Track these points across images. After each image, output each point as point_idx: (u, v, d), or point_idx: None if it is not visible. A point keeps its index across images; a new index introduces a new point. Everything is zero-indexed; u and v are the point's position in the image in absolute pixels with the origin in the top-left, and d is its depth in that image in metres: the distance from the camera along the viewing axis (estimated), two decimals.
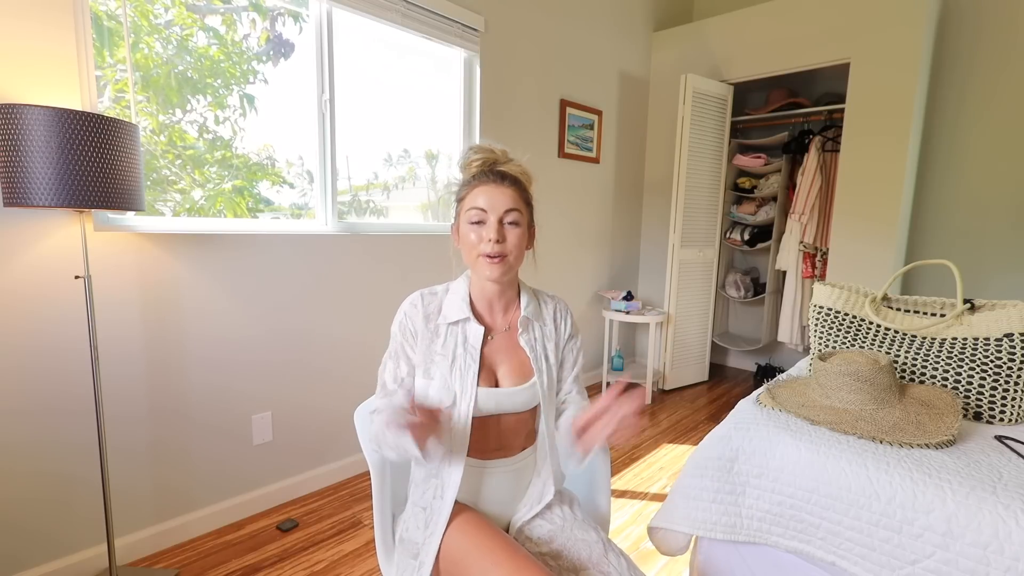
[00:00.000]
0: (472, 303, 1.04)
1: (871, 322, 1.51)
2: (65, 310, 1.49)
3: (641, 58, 3.67)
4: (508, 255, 0.97)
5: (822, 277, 3.29)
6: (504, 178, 0.99)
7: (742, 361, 4.10)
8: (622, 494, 2.16)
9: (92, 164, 1.24)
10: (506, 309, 1.06)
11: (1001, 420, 1.27)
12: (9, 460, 1.44)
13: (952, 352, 1.35)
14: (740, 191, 3.79)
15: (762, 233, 3.74)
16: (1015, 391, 1.27)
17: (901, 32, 2.71)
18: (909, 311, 1.51)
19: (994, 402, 1.28)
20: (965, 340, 1.35)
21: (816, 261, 3.35)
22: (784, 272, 3.52)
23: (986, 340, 1.31)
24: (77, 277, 1.44)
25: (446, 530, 0.93)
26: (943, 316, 1.44)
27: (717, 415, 3.09)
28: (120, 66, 1.64)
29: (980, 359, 1.30)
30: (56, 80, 1.43)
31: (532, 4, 2.82)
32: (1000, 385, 1.28)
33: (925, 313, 1.49)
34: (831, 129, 3.30)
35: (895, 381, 1.28)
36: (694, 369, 3.64)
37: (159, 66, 1.74)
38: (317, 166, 2.11)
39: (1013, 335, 1.28)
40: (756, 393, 1.44)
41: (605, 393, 0.86)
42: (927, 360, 1.37)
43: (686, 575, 1.64)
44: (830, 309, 1.58)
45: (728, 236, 3.81)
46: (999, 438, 1.17)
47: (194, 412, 1.78)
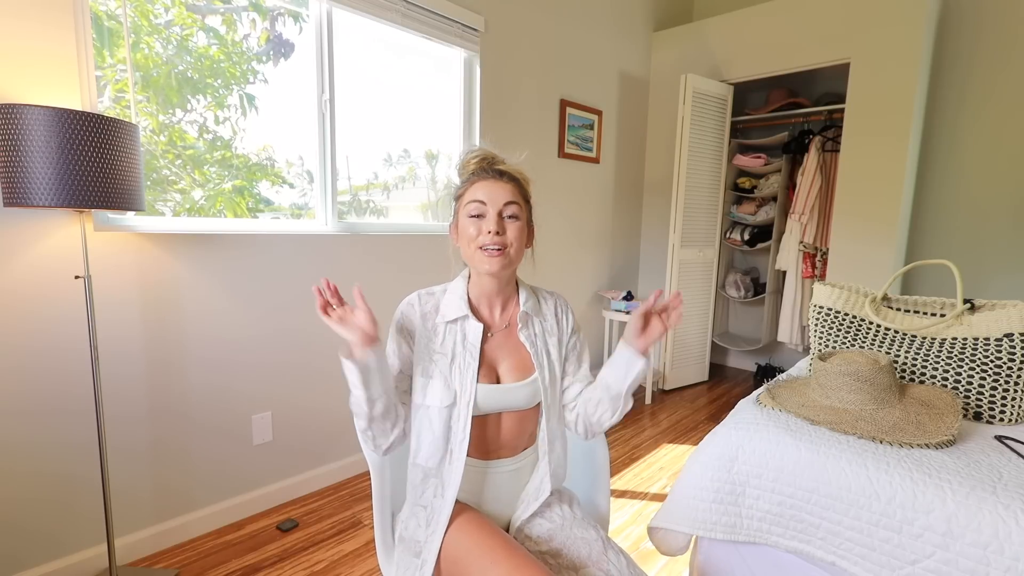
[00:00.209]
0: (470, 301, 1.04)
1: (871, 322, 1.51)
2: (65, 310, 1.49)
3: (641, 58, 3.67)
4: (508, 248, 0.97)
5: (822, 277, 3.29)
6: (502, 175, 1.00)
7: (742, 361, 4.10)
8: (622, 494, 2.16)
9: (92, 164, 1.24)
10: (505, 306, 1.06)
11: (1001, 420, 1.27)
12: (9, 460, 1.44)
13: (952, 352, 1.35)
14: (740, 191, 3.79)
15: (762, 233, 3.74)
16: (1015, 391, 1.27)
17: (901, 32, 2.71)
18: (909, 311, 1.51)
19: (994, 402, 1.28)
20: (965, 340, 1.35)
21: (816, 261, 3.35)
22: (784, 272, 3.52)
23: (986, 340, 1.31)
24: (77, 277, 1.44)
25: (447, 529, 0.93)
26: (943, 316, 1.44)
27: (717, 415, 3.09)
28: (120, 66, 1.64)
29: (980, 359, 1.30)
30: (56, 80, 1.43)
31: (532, 4, 2.82)
32: (1000, 385, 1.28)
33: (925, 313, 1.49)
34: (831, 129, 3.30)
35: (895, 381, 1.28)
36: (694, 369, 3.64)
37: (159, 66, 1.74)
38: (317, 166, 2.11)
39: (1013, 335, 1.28)
40: (756, 393, 1.44)
41: (645, 301, 0.99)
42: (927, 360, 1.37)
43: (686, 575, 1.64)
44: (830, 309, 1.58)
45: (728, 236, 3.81)
46: (999, 438, 1.17)
47: (194, 412, 1.78)
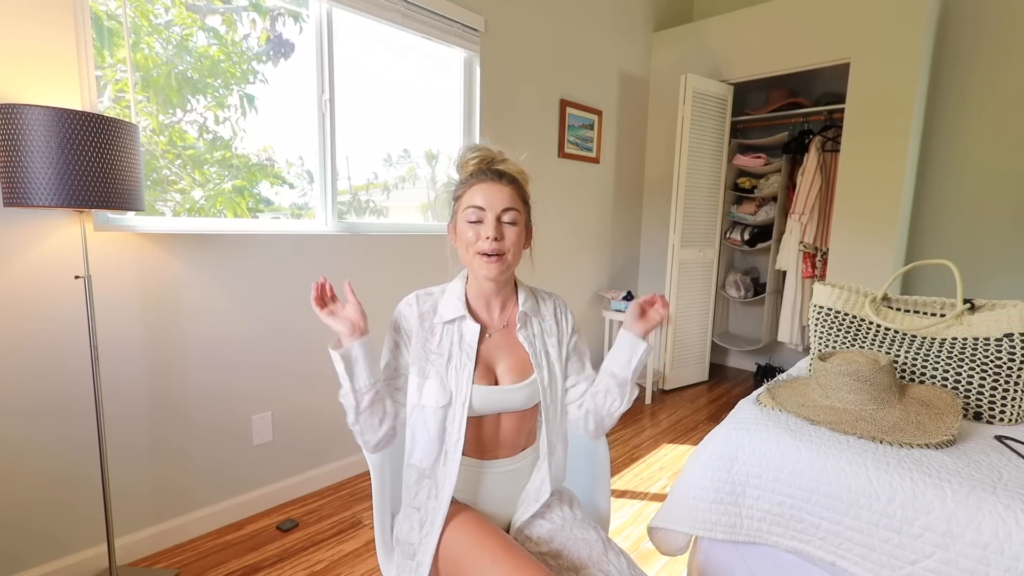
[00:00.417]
0: (468, 301, 1.04)
1: (871, 322, 1.51)
2: (65, 310, 1.49)
3: (641, 58, 3.67)
4: (506, 253, 0.97)
5: (822, 277, 3.29)
6: (502, 176, 0.99)
7: (742, 361, 4.10)
8: (622, 494, 2.16)
9: (92, 164, 1.24)
10: (503, 306, 1.06)
11: (1001, 420, 1.27)
12: (9, 460, 1.44)
13: (952, 352, 1.35)
14: (740, 191, 3.79)
15: (762, 233, 3.74)
16: (1015, 391, 1.27)
17: (901, 32, 2.71)
18: (909, 311, 1.51)
19: (994, 402, 1.28)
20: (965, 340, 1.35)
21: (816, 261, 3.35)
22: (784, 272, 3.52)
23: (986, 340, 1.31)
24: (77, 277, 1.44)
25: (444, 530, 0.93)
26: (943, 316, 1.44)
27: (717, 415, 3.09)
28: (120, 66, 1.64)
29: (980, 359, 1.30)
30: (56, 80, 1.43)
31: (532, 4, 2.82)
32: (1000, 385, 1.28)
33: (925, 313, 1.49)
34: (831, 129, 3.30)
35: (895, 381, 1.28)
36: (694, 369, 3.64)
37: (159, 66, 1.74)
38: (317, 166, 2.11)
39: (1013, 335, 1.28)
40: (756, 393, 1.44)
41: (639, 299, 1.05)
42: (927, 360, 1.37)
43: (686, 575, 1.64)
44: (830, 309, 1.58)
45: (728, 236, 3.81)
46: (999, 438, 1.17)
47: (194, 412, 1.78)
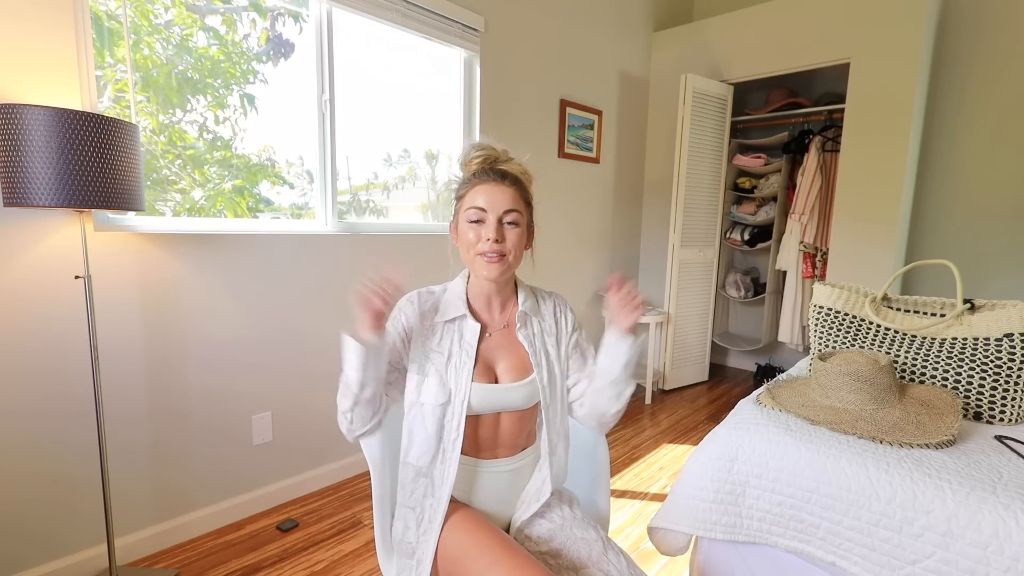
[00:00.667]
0: (469, 301, 1.04)
1: (871, 322, 1.51)
2: (65, 310, 1.49)
3: (641, 58, 3.67)
4: (507, 255, 0.97)
5: (822, 277, 3.29)
6: (504, 177, 0.99)
7: (742, 361, 4.10)
8: (622, 494, 2.16)
9: (92, 164, 1.24)
10: (503, 306, 1.06)
11: (1001, 420, 1.27)
12: (9, 460, 1.44)
13: (952, 352, 1.35)
14: (740, 191, 3.79)
15: (762, 233, 3.74)
16: (1015, 391, 1.27)
17: (901, 32, 2.71)
18: (909, 311, 1.51)
19: (994, 402, 1.28)
20: (965, 340, 1.35)
21: (816, 261, 3.35)
22: (784, 272, 3.52)
23: (986, 340, 1.31)
24: (77, 277, 1.44)
25: (443, 528, 0.93)
26: (943, 316, 1.44)
27: (717, 415, 3.09)
28: (120, 66, 1.64)
29: (980, 359, 1.30)
30: (56, 80, 1.43)
31: (532, 4, 2.82)
32: (1000, 385, 1.28)
33: (925, 313, 1.49)
34: (831, 129, 3.30)
35: (895, 381, 1.28)
36: (694, 369, 3.64)
37: (159, 66, 1.74)
38: (317, 166, 2.11)
39: (1013, 335, 1.28)
40: (756, 393, 1.44)
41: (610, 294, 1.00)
42: (927, 360, 1.37)
43: (686, 575, 1.64)
44: (830, 309, 1.58)
45: (728, 236, 3.81)
46: (999, 438, 1.17)
47: (194, 412, 1.78)
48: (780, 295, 3.67)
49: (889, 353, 1.43)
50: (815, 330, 1.60)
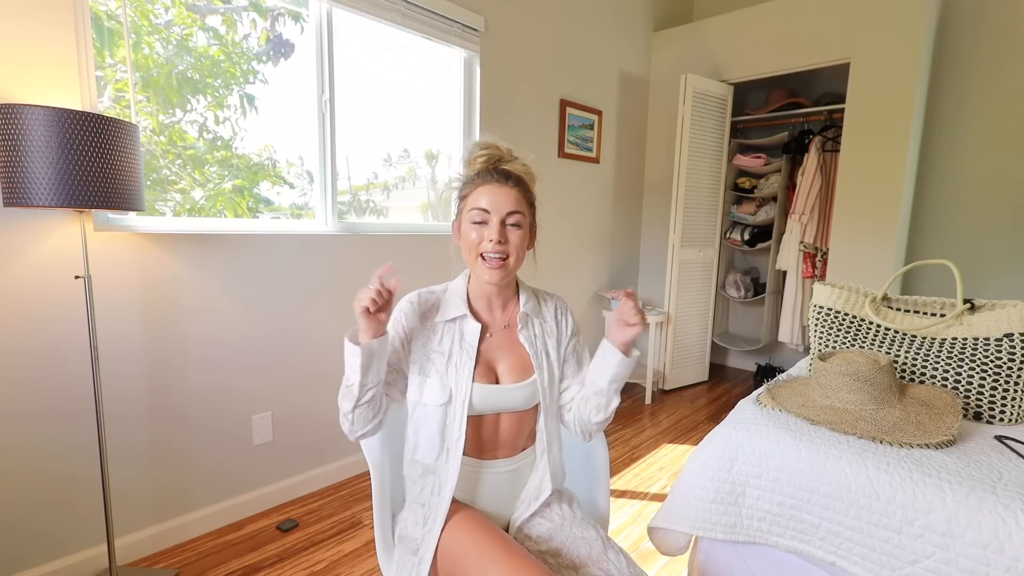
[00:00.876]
0: (470, 301, 1.04)
1: (871, 322, 1.51)
2: (65, 310, 1.49)
3: (641, 58, 3.67)
4: (509, 256, 0.97)
5: (822, 277, 3.29)
6: (508, 178, 0.98)
7: (742, 361, 4.10)
8: (622, 494, 2.16)
9: (92, 164, 1.24)
10: (505, 306, 1.06)
11: (1001, 420, 1.27)
12: (9, 460, 1.44)
13: (952, 352, 1.35)
14: (740, 191, 3.79)
15: (762, 233, 3.74)
16: (1015, 391, 1.27)
17: (901, 32, 2.71)
18: (909, 311, 1.51)
19: (994, 402, 1.28)
20: (965, 340, 1.35)
21: (816, 261, 3.35)
22: (784, 272, 3.52)
23: (986, 340, 1.31)
24: (77, 277, 1.44)
25: (444, 527, 0.93)
26: (943, 316, 1.44)
27: (717, 415, 3.09)
28: (120, 66, 1.64)
29: (980, 359, 1.30)
30: (56, 80, 1.43)
31: (532, 4, 2.82)
32: (1000, 385, 1.28)
33: (925, 313, 1.49)
34: (831, 129, 3.30)
35: (895, 381, 1.28)
36: (694, 369, 3.64)
37: (159, 66, 1.74)
38: (317, 166, 2.11)
39: (1013, 335, 1.28)
40: (756, 393, 1.44)
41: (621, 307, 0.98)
42: (927, 360, 1.37)
43: (686, 575, 1.64)
44: (830, 309, 1.58)
45: (728, 236, 3.81)
46: (999, 438, 1.17)
47: (194, 412, 1.78)
48: (780, 295, 3.67)
49: (889, 353, 1.43)
50: (815, 330, 1.60)
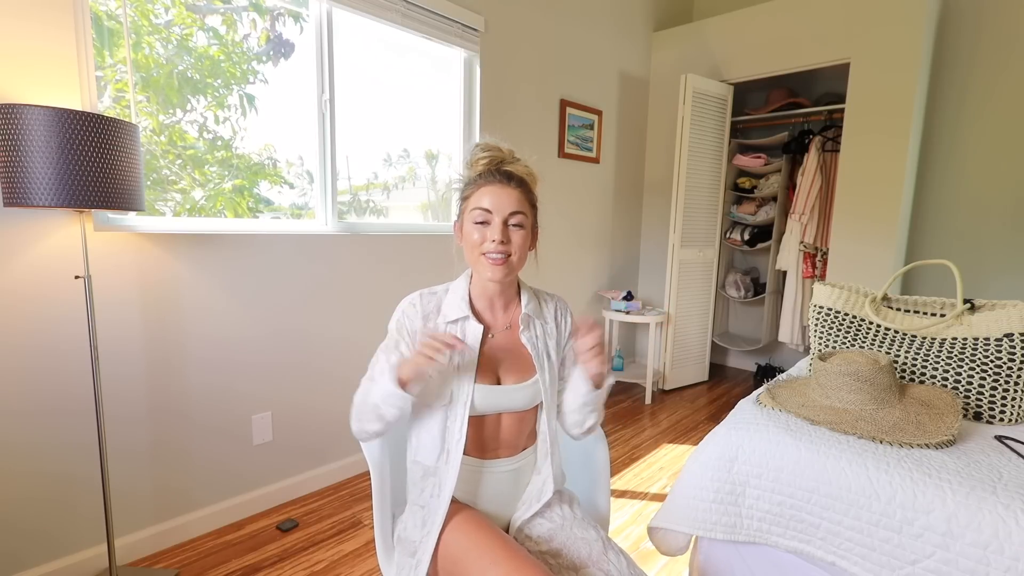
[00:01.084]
0: (472, 302, 1.04)
1: (871, 322, 1.51)
2: (65, 310, 1.49)
3: (641, 58, 3.67)
4: (511, 256, 0.98)
5: (822, 277, 3.29)
6: (510, 179, 0.99)
7: (742, 361, 4.10)
8: (622, 494, 2.16)
9: (92, 164, 1.24)
10: (506, 307, 1.06)
11: (1001, 420, 1.27)
12: (9, 460, 1.44)
13: (952, 352, 1.35)
14: (740, 191, 3.79)
15: (762, 233, 3.74)
16: (1015, 391, 1.27)
17: (901, 32, 2.71)
18: (909, 311, 1.51)
19: (994, 402, 1.28)
20: (965, 340, 1.35)
21: (816, 261, 3.35)
22: (784, 272, 3.52)
23: (986, 340, 1.31)
24: (77, 277, 1.44)
25: (444, 528, 0.93)
26: (943, 316, 1.44)
27: (717, 415, 3.09)
28: (120, 66, 1.64)
29: (980, 359, 1.30)
30: (56, 80, 1.43)
31: (532, 4, 2.82)
32: (1000, 385, 1.28)
33: (925, 313, 1.49)
34: (831, 129, 3.30)
35: (895, 381, 1.28)
36: (694, 369, 3.64)
37: (159, 66, 1.74)
38: (317, 166, 2.11)
39: (1013, 335, 1.28)
40: (756, 393, 1.44)
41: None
42: (927, 360, 1.37)
43: (686, 575, 1.64)
44: (830, 309, 1.58)
45: (728, 236, 3.81)
46: (999, 438, 1.17)
47: (194, 412, 1.78)
48: (780, 295, 3.67)
49: (889, 353, 1.43)
50: (815, 330, 1.60)
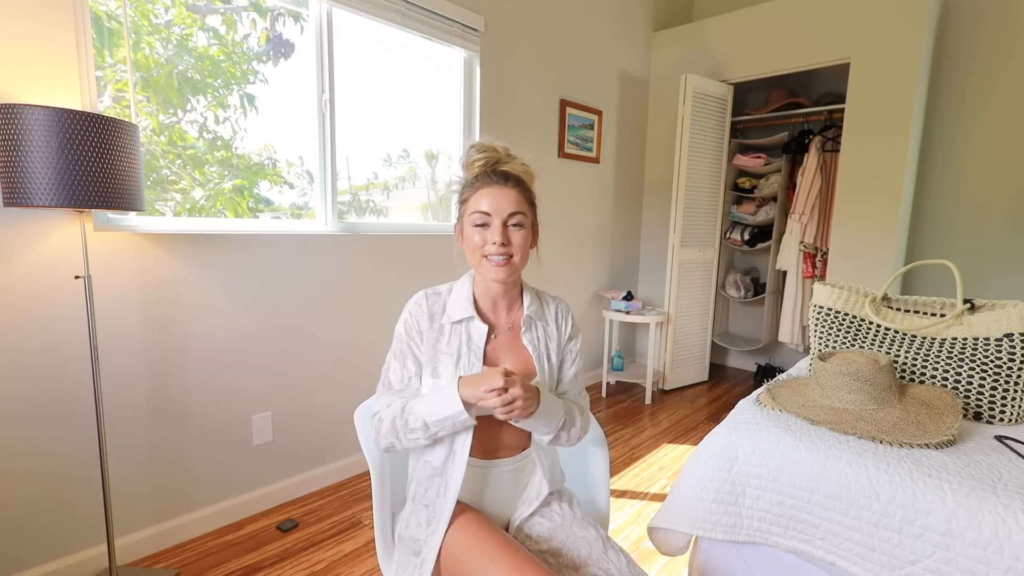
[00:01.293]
0: (476, 302, 1.04)
1: (871, 322, 1.51)
2: (65, 310, 1.49)
3: (641, 58, 3.67)
4: (513, 257, 0.98)
5: (822, 277, 3.29)
6: (508, 179, 0.99)
7: (742, 361, 4.10)
8: (622, 494, 2.16)
9: (92, 164, 1.24)
10: (509, 308, 1.07)
11: (1001, 420, 1.27)
12: (9, 460, 1.44)
13: (952, 352, 1.35)
14: (740, 191, 3.79)
15: (762, 233, 3.74)
16: (1015, 391, 1.27)
17: (901, 31, 2.71)
18: (909, 311, 1.51)
19: (994, 402, 1.28)
20: (965, 340, 1.35)
21: (816, 261, 3.35)
22: (784, 272, 3.52)
23: (986, 340, 1.31)
24: (77, 277, 1.44)
25: (448, 529, 0.94)
26: (943, 316, 1.44)
27: (717, 415, 3.09)
28: (120, 66, 1.64)
29: (980, 359, 1.30)
30: (56, 80, 1.43)
31: (532, 4, 2.82)
32: (1000, 385, 1.28)
33: (925, 313, 1.49)
34: (831, 129, 3.30)
35: (895, 381, 1.28)
36: (694, 369, 3.64)
37: (159, 66, 1.74)
38: (317, 166, 2.11)
39: (1013, 335, 1.28)
40: (756, 393, 1.44)
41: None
42: (927, 360, 1.37)
43: (686, 575, 1.64)
44: (830, 309, 1.58)
45: (728, 236, 3.81)
46: (999, 438, 1.17)
47: (194, 412, 1.78)
48: (780, 295, 3.67)
49: (889, 353, 1.43)
50: (815, 330, 1.60)
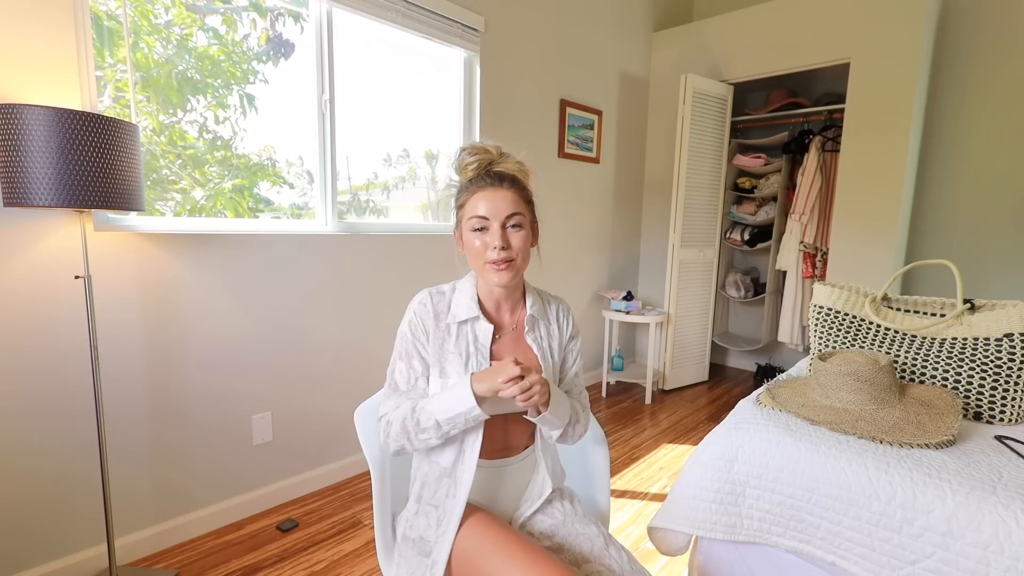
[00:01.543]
0: (480, 302, 1.04)
1: (871, 322, 1.51)
2: (65, 310, 1.49)
3: (641, 58, 3.67)
4: (515, 259, 0.97)
5: (822, 277, 3.29)
6: (503, 180, 0.98)
7: (742, 361, 4.10)
8: (622, 494, 2.16)
9: (92, 164, 1.24)
10: (513, 308, 1.07)
11: (1001, 420, 1.27)
12: (9, 460, 1.44)
13: (952, 352, 1.35)
14: (740, 191, 3.79)
15: (762, 233, 3.74)
16: (1015, 391, 1.27)
17: (901, 31, 2.71)
18: (909, 311, 1.51)
19: (994, 402, 1.28)
20: (965, 340, 1.35)
21: (816, 261, 3.35)
22: (784, 272, 3.52)
23: (986, 340, 1.31)
24: (77, 277, 1.44)
25: (459, 529, 0.94)
26: (943, 316, 1.44)
27: (717, 415, 3.09)
28: (120, 66, 1.64)
29: (980, 359, 1.30)
30: (56, 80, 1.43)
31: (532, 4, 2.82)
32: (1000, 385, 1.28)
33: (925, 313, 1.49)
34: (831, 129, 3.30)
35: (895, 381, 1.28)
36: (694, 369, 3.64)
37: (159, 66, 1.74)
38: (317, 166, 2.11)
39: (1013, 335, 1.28)
40: (756, 393, 1.44)
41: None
42: (927, 360, 1.37)
43: (686, 575, 1.64)
44: (830, 309, 1.58)
45: (728, 236, 3.81)
46: (999, 438, 1.17)
47: (194, 412, 1.78)
48: (780, 295, 3.67)
49: (889, 353, 1.43)
50: (815, 330, 1.60)
